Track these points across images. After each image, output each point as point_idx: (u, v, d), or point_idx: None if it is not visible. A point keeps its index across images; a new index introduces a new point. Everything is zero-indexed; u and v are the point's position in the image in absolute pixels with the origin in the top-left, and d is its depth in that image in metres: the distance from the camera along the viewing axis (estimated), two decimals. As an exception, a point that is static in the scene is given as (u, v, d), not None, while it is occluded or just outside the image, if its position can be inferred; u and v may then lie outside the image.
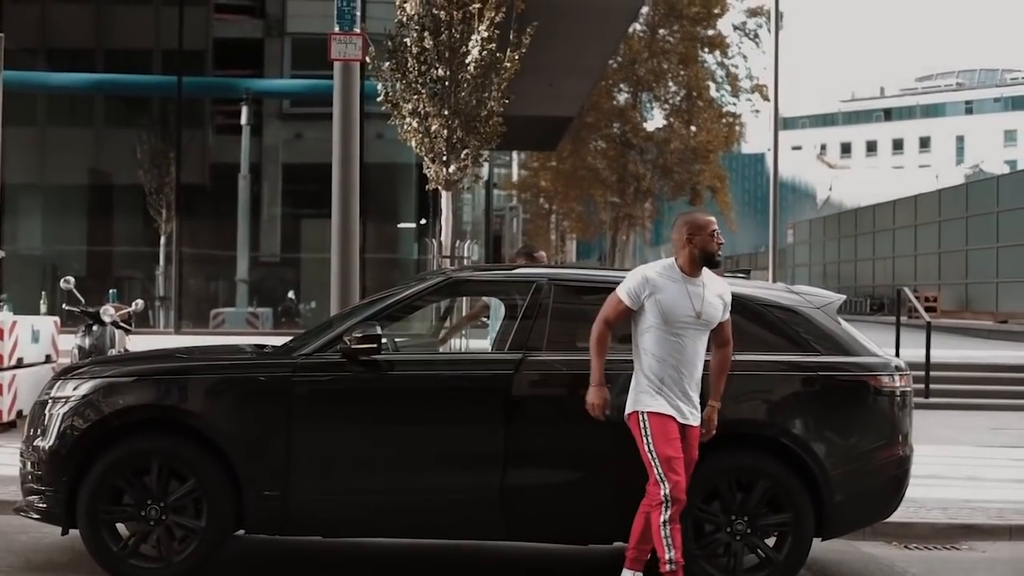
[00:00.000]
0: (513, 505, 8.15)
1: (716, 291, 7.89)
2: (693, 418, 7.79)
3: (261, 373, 8.30)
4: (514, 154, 69.45)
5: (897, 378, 8.53)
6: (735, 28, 57.58)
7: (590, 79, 36.75)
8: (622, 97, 57.86)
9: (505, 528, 8.30)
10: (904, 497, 8.75)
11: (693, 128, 56.53)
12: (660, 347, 7.69)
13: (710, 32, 56.58)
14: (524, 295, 8.52)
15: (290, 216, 28.68)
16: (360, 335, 8.17)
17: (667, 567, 7.49)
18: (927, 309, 33.87)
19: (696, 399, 7.82)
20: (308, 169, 28.21)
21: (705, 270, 7.87)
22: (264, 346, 9.14)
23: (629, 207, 58.40)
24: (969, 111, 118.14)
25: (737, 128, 60.41)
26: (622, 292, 7.74)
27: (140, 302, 15.43)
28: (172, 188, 26.36)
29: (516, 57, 15.66)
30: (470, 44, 15.17)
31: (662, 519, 7.49)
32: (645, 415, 7.63)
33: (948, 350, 24.25)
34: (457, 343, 16.23)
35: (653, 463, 7.55)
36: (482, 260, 41.73)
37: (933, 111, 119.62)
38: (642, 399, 7.67)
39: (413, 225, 27.79)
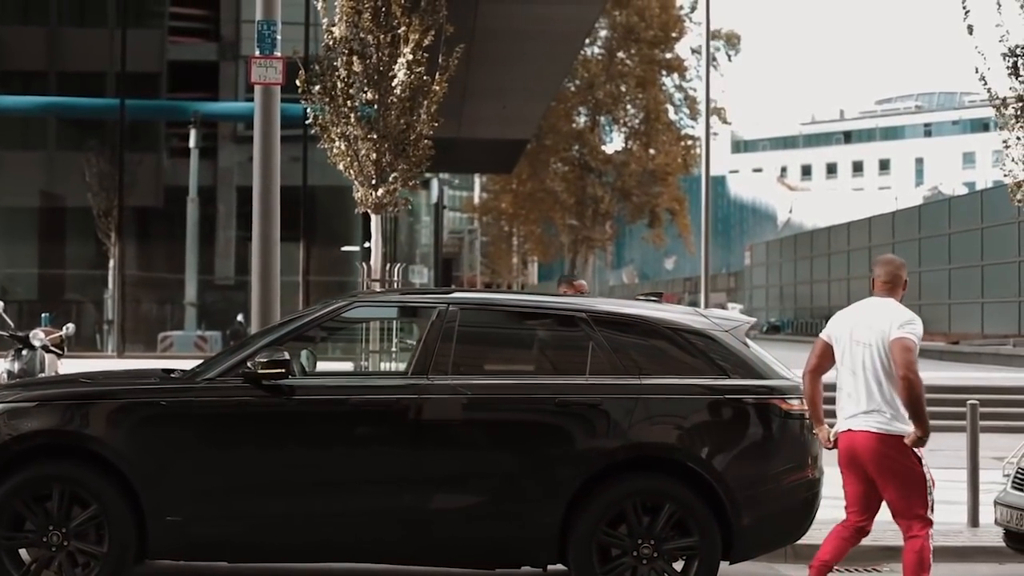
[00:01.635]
0: (417, 529, 8.14)
1: None
2: None
3: (163, 398, 8.28)
4: (475, 177, 69.50)
5: (807, 400, 8.52)
6: (693, 51, 57.95)
7: (543, 101, 36.88)
8: (581, 120, 58.04)
9: (410, 552, 8.30)
10: (815, 519, 8.76)
11: (652, 151, 56.72)
12: None
13: (668, 55, 56.91)
14: (429, 319, 8.51)
15: (240, 239, 28.56)
16: (265, 359, 8.15)
17: None
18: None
19: None
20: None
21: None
22: (172, 370, 9.10)
23: (588, 230, 58.48)
24: (928, 133, 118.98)
25: (695, 151, 60.63)
26: (917, 339, 7.79)
27: (71, 326, 15.21)
28: (118, 211, 26.21)
29: (444, 80, 15.73)
30: (397, 67, 15.22)
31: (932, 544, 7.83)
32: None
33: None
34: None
35: (929, 486, 7.85)
36: (432, 284, 41.73)
37: (892, 134, 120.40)
38: (906, 429, 7.78)
39: (357, 248, 27.74)
